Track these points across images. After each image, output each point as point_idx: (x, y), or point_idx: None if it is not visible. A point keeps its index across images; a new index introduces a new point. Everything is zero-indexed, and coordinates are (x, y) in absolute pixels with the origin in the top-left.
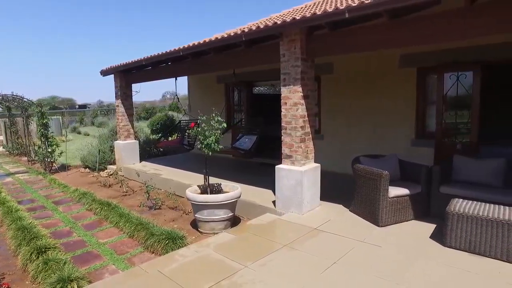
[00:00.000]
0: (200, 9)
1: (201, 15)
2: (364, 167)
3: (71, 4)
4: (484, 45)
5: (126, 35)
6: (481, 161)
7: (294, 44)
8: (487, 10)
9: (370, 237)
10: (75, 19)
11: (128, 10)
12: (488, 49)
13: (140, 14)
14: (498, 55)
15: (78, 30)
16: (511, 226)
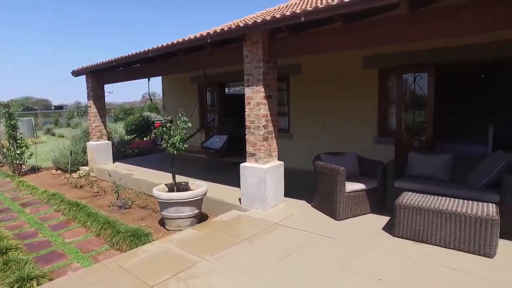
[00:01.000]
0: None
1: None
2: (323, 164)
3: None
4: (440, 48)
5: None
6: (432, 157)
7: (257, 46)
8: (427, 17)
9: (327, 230)
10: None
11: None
12: (442, 52)
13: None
14: (452, 58)
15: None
16: (449, 215)
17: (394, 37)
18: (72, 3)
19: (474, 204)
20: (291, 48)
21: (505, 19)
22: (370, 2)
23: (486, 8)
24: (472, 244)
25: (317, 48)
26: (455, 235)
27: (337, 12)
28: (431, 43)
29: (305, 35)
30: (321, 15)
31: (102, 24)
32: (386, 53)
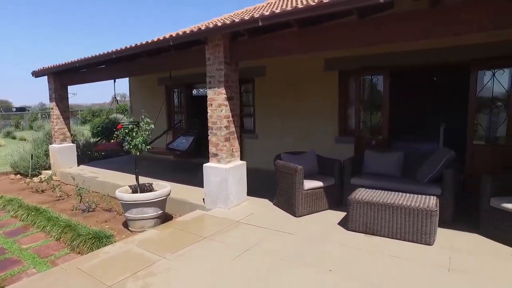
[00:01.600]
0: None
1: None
2: (283, 163)
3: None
4: (394, 52)
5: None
6: (385, 155)
7: (218, 48)
8: (374, 24)
9: (286, 227)
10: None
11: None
12: (396, 56)
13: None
14: (405, 61)
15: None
16: (395, 208)
17: (346, 42)
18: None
19: (418, 197)
20: (252, 51)
21: (445, 27)
22: (321, 9)
23: (425, 17)
24: (415, 234)
25: (276, 51)
26: (401, 226)
27: (293, 17)
28: (386, 47)
29: (265, 38)
30: (278, 20)
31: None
32: (346, 56)
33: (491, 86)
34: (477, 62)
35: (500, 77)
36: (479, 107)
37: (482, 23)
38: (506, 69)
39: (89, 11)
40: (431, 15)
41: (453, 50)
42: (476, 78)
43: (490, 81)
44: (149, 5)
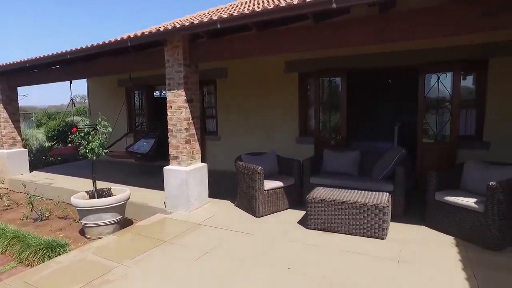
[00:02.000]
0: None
1: None
2: (243, 164)
3: None
4: (350, 55)
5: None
6: (343, 154)
7: (177, 50)
8: (326, 28)
9: (246, 227)
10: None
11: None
12: (352, 59)
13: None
14: (361, 64)
15: None
16: (351, 205)
17: (303, 45)
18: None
19: (372, 194)
20: (212, 53)
21: (395, 33)
22: (277, 13)
23: (373, 22)
24: (369, 229)
25: (235, 53)
26: (356, 222)
27: (251, 20)
28: (344, 51)
29: (225, 40)
30: (236, 23)
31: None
32: (305, 58)
33: (437, 88)
34: (424, 66)
35: (444, 80)
36: (427, 107)
37: (427, 30)
38: (449, 73)
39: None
40: (381, 21)
41: (404, 54)
42: (424, 80)
43: (435, 83)
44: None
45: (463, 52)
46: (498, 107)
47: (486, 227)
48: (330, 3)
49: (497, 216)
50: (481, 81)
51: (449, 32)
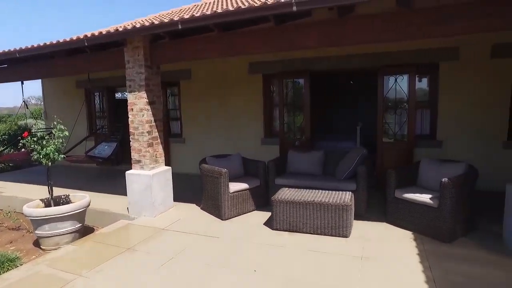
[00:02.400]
0: None
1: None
2: (208, 167)
3: None
4: (312, 57)
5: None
6: (307, 154)
7: (138, 51)
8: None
9: (212, 231)
10: None
11: None
12: (314, 61)
13: None
14: (322, 66)
15: None
16: (315, 205)
17: (264, 46)
18: None
19: (336, 193)
20: (174, 54)
21: (349, 37)
22: (239, 15)
23: (331, 26)
24: (334, 228)
25: (198, 54)
26: (320, 222)
27: (212, 21)
28: (306, 52)
29: (186, 41)
30: (198, 24)
31: None
32: (269, 60)
33: (394, 90)
34: (382, 68)
35: (401, 82)
36: (386, 108)
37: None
38: (405, 75)
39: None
40: (339, 24)
41: (364, 57)
42: (382, 82)
43: (393, 85)
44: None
45: (417, 56)
46: (448, 108)
47: (440, 221)
48: (291, 6)
49: (449, 210)
50: (433, 83)
51: (401, 37)
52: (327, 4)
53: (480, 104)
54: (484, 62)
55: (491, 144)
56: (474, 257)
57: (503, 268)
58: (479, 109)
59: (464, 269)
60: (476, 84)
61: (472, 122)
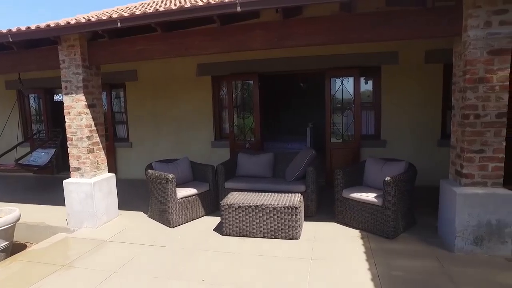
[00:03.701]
0: None
1: None
2: (154, 172)
3: None
4: (261, 59)
5: None
6: (257, 157)
7: (74, 50)
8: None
9: (160, 240)
10: None
11: None
12: (263, 62)
13: None
14: (271, 68)
15: None
16: (265, 209)
17: (208, 48)
18: None
19: (285, 195)
20: (114, 54)
21: (295, 39)
22: (181, 14)
23: (276, 28)
24: (284, 231)
25: (139, 55)
26: (270, 225)
27: (154, 20)
28: (254, 54)
29: (127, 41)
30: (138, 22)
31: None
32: (217, 61)
33: (341, 92)
34: (329, 71)
35: (347, 84)
36: (334, 109)
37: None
38: (350, 77)
39: None
40: (283, 26)
41: (311, 59)
42: (330, 84)
43: (340, 87)
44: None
45: (362, 59)
46: (390, 109)
47: (384, 219)
48: (235, 6)
49: (392, 208)
50: (376, 85)
51: (346, 40)
52: (271, 6)
53: (417, 105)
54: (419, 66)
55: (427, 143)
56: (414, 251)
57: (438, 258)
58: (416, 110)
59: (405, 263)
60: (413, 87)
61: (411, 122)
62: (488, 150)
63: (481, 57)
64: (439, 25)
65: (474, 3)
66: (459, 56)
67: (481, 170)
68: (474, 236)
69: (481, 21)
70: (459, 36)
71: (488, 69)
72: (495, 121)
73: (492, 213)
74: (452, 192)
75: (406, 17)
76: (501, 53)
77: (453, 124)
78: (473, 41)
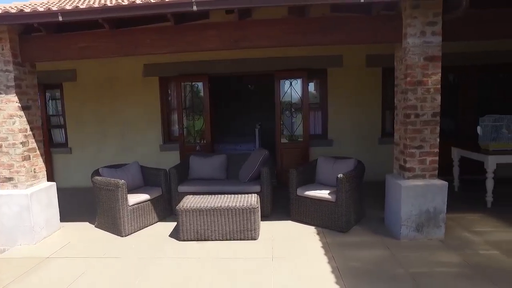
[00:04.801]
0: None
1: None
2: (102, 179)
3: None
4: (209, 60)
5: None
6: (209, 159)
7: (2, 44)
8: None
9: (111, 251)
10: None
11: None
12: (212, 64)
13: None
14: (220, 69)
15: None
16: (222, 211)
17: (160, 47)
18: None
19: (241, 196)
20: (52, 51)
21: (249, 41)
22: (132, 11)
23: (231, 29)
24: (242, 232)
25: (83, 53)
26: (229, 227)
27: (100, 16)
28: (204, 55)
29: (69, 37)
30: (82, 17)
31: None
32: (166, 62)
33: (290, 93)
34: (278, 73)
35: (295, 86)
36: (283, 110)
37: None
38: (299, 79)
39: None
40: (238, 27)
41: (262, 61)
42: (279, 85)
43: (289, 88)
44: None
45: (309, 61)
46: (335, 109)
47: (337, 214)
48: (191, 5)
49: (345, 203)
50: (323, 87)
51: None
52: (228, 6)
53: (360, 105)
54: (361, 70)
55: (370, 141)
56: (366, 242)
57: (387, 247)
58: (359, 110)
59: (360, 254)
60: (356, 88)
61: (354, 121)
62: (426, 146)
63: (418, 62)
64: (383, 32)
65: (411, 14)
66: (400, 61)
67: (421, 164)
68: (416, 224)
69: (417, 30)
70: (400, 42)
71: (425, 73)
72: (431, 120)
73: (430, 202)
74: (397, 185)
75: (354, 23)
76: (434, 59)
77: (396, 122)
78: (412, 48)
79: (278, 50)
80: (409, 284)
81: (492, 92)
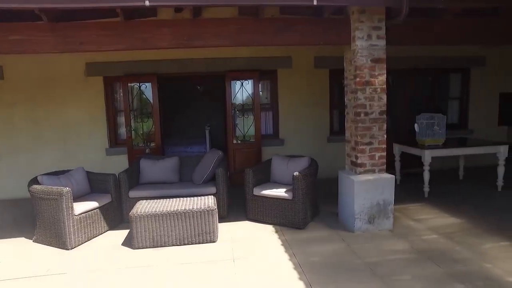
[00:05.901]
0: None
1: None
2: (42, 188)
3: None
4: (159, 60)
5: None
6: (161, 162)
7: None
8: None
9: (56, 266)
10: None
11: None
12: (161, 63)
13: None
14: (169, 69)
15: None
16: (178, 215)
17: (107, 44)
18: None
19: (197, 199)
20: None
21: (203, 39)
22: (77, 2)
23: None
24: (200, 235)
25: (14, 47)
26: (186, 231)
27: (37, 6)
28: (152, 55)
29: None
30: (16, 5)
31: None
32: (110, 61)
33: (241, 93)
34: (229, 73)
35: (246, 86)
36: (234, 111)
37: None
38: (250, 80)
39: None
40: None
41: (212, 61)
42: (230, 86)
43: (240, 89)
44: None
45: (260, 62)
46: (285, 109)
47: (294, 211)
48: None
49: (301, 201)
50: (273, 88)
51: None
52: (181, 3)
53: (309, 105)
54: (309, 71)
55: (319, 139)
56: (323, 237)
57: (343, 240)
58: (308, 110)
59: (319, 249)
60: (305, 89)
61: (304, 121)
62: (375, 142)
63: (366, 64)
64: (333, 34)
65: (358, 18)
66: (350, 62)
67: (371, 159)
68: (368, 216)
69: (365, 33)
70: (349, 44)
71: (372, 74)
72: (378, 118)
73: (380, 194)
74: (349, 181)
75: (307, 25)
76: (379, 61)
77: (347, 121)
78: (360, 50)
79: (229, 51)
80: (367, 273)
81: (422, 93)
